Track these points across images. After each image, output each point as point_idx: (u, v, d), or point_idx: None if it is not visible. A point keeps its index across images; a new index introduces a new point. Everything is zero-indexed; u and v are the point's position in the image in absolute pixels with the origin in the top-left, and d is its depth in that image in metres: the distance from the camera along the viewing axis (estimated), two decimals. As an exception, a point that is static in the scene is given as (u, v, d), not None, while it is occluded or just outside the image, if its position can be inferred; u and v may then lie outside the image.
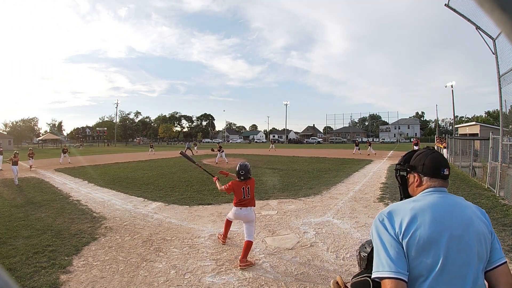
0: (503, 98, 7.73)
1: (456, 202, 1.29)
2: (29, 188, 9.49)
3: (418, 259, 1.14)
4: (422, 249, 1.14)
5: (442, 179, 1.34)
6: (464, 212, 1.25)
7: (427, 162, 1.35)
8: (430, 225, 1.16)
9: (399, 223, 1.18)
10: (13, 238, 4.60)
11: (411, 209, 1.21)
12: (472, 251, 1.17)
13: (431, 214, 1.19)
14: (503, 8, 0.32)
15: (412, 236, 1.14)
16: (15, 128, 71.45)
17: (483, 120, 57.67)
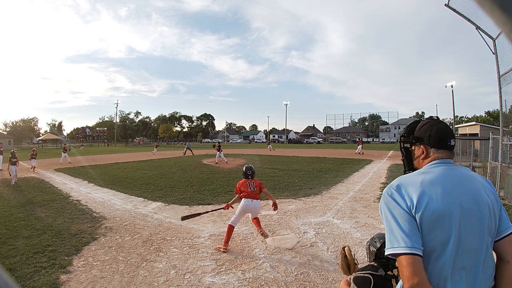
0: (503, 98, 7.73)
1: (464, 174, 1.25)
2: (29, 188, 9.48)
3: (431, 234, 1.11)
4: (435, 223, 1.10)
5: (449, 150, 1.29)
6: (473, 184, 1.22)
7: (433, 133, 1.29)
8: (442, 199, 1.12)
9: (410, 196, 1.14)
10: (13, 238, 4.60)
11: (421, 182, 1.16)
12: (483, 223, 1.15)
13: (441, 187, 1.15)
14: (503, 8, 0.32)
15: (424, 210, 1.11)
16: (15, 128, 71.42)
17: (483, 120, 57.65)
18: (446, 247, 1.10)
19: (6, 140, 50.68)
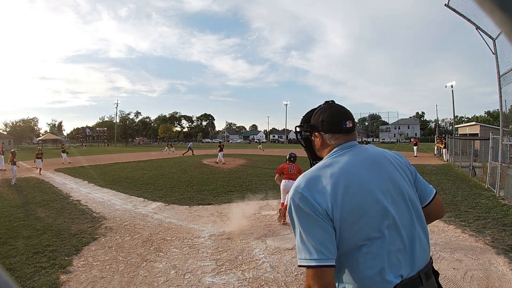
0: (503, 98, 7.73)
1: (371, 155, 1.18)
2: (29, 188, 9.48)
3: (356, 226, 1.03)
4: (357, 215, 1.03)
5: (346, 133, 1.19)
6: (384, 162, 1.17)
7: (326, 118, 1.20)
8: (358, 189, 1.05)
9: (321, 196, 1.04)
10: (13, 238, 4.60)
11: (330, 177, 1.06)
12: (406, 200, 1.13)
13: (354, 176, 1.07)
14: (503, 8, 0.32)
15: (342, 206, 1.03)
16: (15, 128, 71.44)
17: (483, 120, 57.65)
18: (376, 235, 1.05)
19: (6, 140, 50.68)
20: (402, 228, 1.08)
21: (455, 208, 6.19)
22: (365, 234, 1.04)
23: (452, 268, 3.44)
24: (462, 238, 4.46)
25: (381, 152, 1.22)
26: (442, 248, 4.07)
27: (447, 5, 8.29)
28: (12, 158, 11.05)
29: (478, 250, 3.97)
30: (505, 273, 3.31)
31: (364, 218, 1.03)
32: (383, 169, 1.14)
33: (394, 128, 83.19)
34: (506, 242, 4.19)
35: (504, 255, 3.76)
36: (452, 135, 20.87)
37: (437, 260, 3.68)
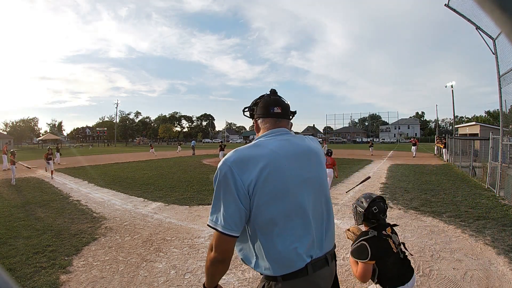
0: (503, 98, 7.73)
1: (299, 144, 1.27)
2: (29, 188, 9.48)
3: (273, 206, 1.12)
4: (273, 198, 1.12)
5: (275, 118, 1.29)
6: (309, 154, 1.27)
7: (260, 104, 1.32)
8: (280, 175, 1.14)
9: (246, 176, 1.11)
10: (13, 238, 4.60)
11: (257, 158, 1.14)
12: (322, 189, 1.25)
13: (278, 163, 1.15)
14: (503, 8, 0.32)
15: (262, 187, 1.11)
16: (15, 128, 71.42)
17: (483, 120, 57.65)
18: (291, 217, 1.14)
19: (6, 140, 50.67)
20: (315, 214, 1.21)
21: (455, 208, 6.19)
22: (281, 215, 1.13)
23: (452, 268, 3.44)
24: (462, 238, 4.45)
25: (308, 143, 1.31)
26: (442, 248, 4.07)
27: (447, 5, 8.29)
28: (12, 158, 11.04)
29: (478, 250, 3.97)
30: (505, 273, 3.31)
31: (282, 201, 1.13)
32: (307, 159, 1.24)
33: (394, 128, 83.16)
34: (506, 242, 4.19)
35: (504, 255, 3.76)
36: (452, 135, 20.87)
37: (437, 260, 3.68)
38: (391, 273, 1.94)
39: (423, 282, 3.14)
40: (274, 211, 1.13)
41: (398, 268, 1.95)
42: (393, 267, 1.94)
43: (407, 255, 2.04)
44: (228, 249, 1.15)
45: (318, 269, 1.19)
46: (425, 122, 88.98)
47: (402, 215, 5.81)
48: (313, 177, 1.23)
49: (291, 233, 1.15)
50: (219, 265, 1.18)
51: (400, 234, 4.67)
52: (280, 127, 1.30)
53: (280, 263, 1.14)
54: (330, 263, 1.25)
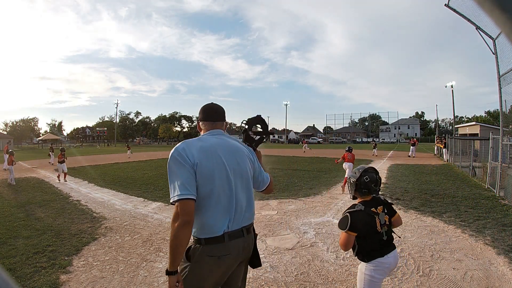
0: (503, 98, 7.73)
1: (231, 143, 1.71)
2: (29, 188, 9.48)
3: (207, 185, 1.52)
4: (209, 177, 1.52)
5: (212, 121, 1.76)
6: (237, 151, 1.70)
7: (202, 111, 1.79)
8: (213, 162, 1.55)
9: (192, 156, 1.52)
10: (13, 238, 4.60)
11: (200, 147, 1.57)
12: (243, 178, 1.67)
13: (213, 152, 1.58)
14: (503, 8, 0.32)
15: (201, 168, 1.51)
16: (15, 128, 71.42)
17: (483, 120, 57.67)
18: (217, 195, 1.53)
19: (6, 140, 50.67)
20: (237, 196, 1.60)
21: (455, 208, 6.19)
22: (209, 193, 1.52)
23: (452, 268, 3.44)
24: (462, 238, 4.46)
25: (238, 145, 1.76)
26: (442, 248, 4.07)
27: (447, 5, 8.29)
28: (11, 158, 11.00)
29: (478, 250, 3.97)
30: (505, 273, 3.31)
31: (212, 181, 1.53)
32: (234, 154, 1.66)
33: (394, 128, 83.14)
34: (506, 242, 4.19)
35: (504, 255, 3.76)
36: (452, 135, 20.87)
37: (437, 260, 3.68)
38: (370, 247, 2.07)
39: (423, 282, 3.14)
40: (205, 189, 1.52)
41: (378, 245, 2.08)
42: (373, 244, 2.07)
43: (392, 237, 2.16)
44: (191, 211, 1.44)
45: (234, 238, 1.58)
46: (425, 122, 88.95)
47: (402, 215, 5.80)
48: (237, 168, 1.64)
49: (215, 208, 1.53)
50: (185, 229, 1.43)
51: (400, 234, 4.67)
52: (216, 128, 1.75)
53: (205, 230, 1.54)
54: (246, 235, 1.67)
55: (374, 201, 2.18)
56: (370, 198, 2.20)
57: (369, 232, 2.07)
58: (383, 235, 2.09)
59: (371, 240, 2.08)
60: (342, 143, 65.52)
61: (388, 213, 2.18)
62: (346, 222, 2.08)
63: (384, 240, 2.09)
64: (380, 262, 2.06)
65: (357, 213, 2.09)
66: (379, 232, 2.08)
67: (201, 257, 1.53)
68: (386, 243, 2.10)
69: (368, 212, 2.10)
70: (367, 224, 2.07)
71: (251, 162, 1.76)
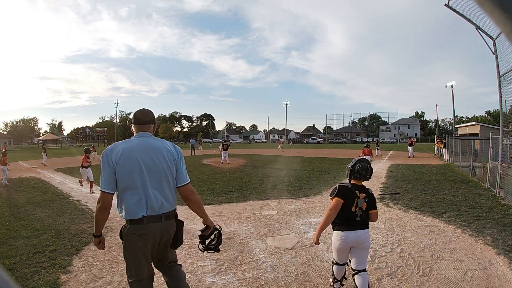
0: (503, 98, 7.73)
1: (151, 143, 2.11)
2: (29, 188, 9.48)
3: (123, 181, 1.99)
4: (125, 175, 1.98)
5: (140, 124, 2.17)
6: (154, 149, 2.08)
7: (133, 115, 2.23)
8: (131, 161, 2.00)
9: (114, 156, 1.99)
10: (13, 238, 4.60)
11: (122, 149, 2.02)
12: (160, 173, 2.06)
13: (131, 153, 2.01)
14: (503, 8, 0.32)
15: (118, 167, 1.98)
16: (15, 128, 71.42)
17: (483, 120, 57.66)
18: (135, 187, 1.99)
19: (6, 140, 50.68)
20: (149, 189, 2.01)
21: (455, 208, 6.19)
22: (127, 186, 1.99)
23: (452, 268, 3.44)
24: (462, 238, 4.46)
25: (159, 143, 2.15)
26: (442, 248, 4.07)
27: (447, 5, 8.29)
28: (4, 160, 10.88)
29: (478, 250, 3.97)
30: (505, 273, 3.31)
31: (128, 178, 1.98)
32: (151, 153, 2.06)
33: (394, 128, 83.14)
34: (506, 242, 4.19)
35: (504, 255, 3.76)
36: (452, 135, 20.87)
37: (437, 260, 3.68)
38: (339, 220, 2.61)
39: (423, 282, 3.14)
40: (123, 184, 1.99)
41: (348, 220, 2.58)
42: (343, 218, 2.58)
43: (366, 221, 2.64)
44: (107, 201, 2.01)
45: (152, 222, 2.02)
46: (425, 122, 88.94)
47: (402, 215, 5.81)
48: (151, 165, 2.04)
49: (133, 198, 1.99)
50: (103, 212, 2.02)
51: (400, 234, 4.67)
52: (143, 130, 2.16)
53: (128, 213, 2.00)
54: (164, 221, 2.07)
55: (361, 188, 2.68)
56: (360, 183, 2.72)
57: (346, 205, 2.56)
58: (356, 215, 2.56)
59: (343, 214, 2.57)
60: (342, 143, 65.54)
61: (369, 203, 2.65)
62: (335, 190, 2.66)
63: (354, 220, 2.56)
64: (340, 235, 2.60)
65: (344, 187, 2.67)
66: (352, 211, 2.55)
67: (128, 234, 2.03)
68: (356, 222, 2.56)
69: (352, 190, 2.62)
70: (348, 198, 2.57)
71: (171, 160, 2.13)
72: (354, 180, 2.75)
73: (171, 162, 2.10)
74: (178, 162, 2.15)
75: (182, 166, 2.19)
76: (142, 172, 1.99)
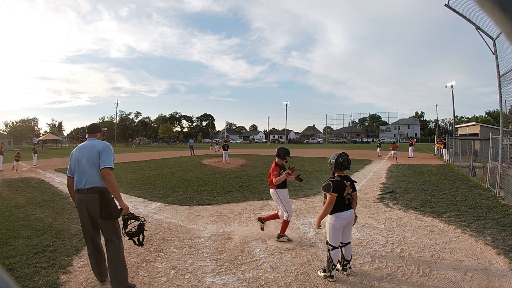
0: (503, 98, 7.73)
1: (89, 143, 3.21)
2: (29, 188, 9.48)
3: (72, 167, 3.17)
4: (73, 163, 3.15)
5: (88, 133, 3.35)
6: (89, 147, 3.14)
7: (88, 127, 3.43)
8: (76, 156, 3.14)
9: (71, 153, 3.24)
10: (13, 238, 4.60)
11: (77, 148, 3.26)
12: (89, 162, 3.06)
13: (77, 149, 3.20)
14: (503, 8, 0.32)
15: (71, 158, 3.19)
16: (15, 128, 71.38)
17: (483, 120, 57.65)
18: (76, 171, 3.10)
19: (6, 140, 50.65)
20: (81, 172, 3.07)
21: (455, 208, 6.19)
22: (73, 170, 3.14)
23: (452, 268, 3.44)
24: (462, 238, 4.45)
25: (94, 143, 3.19)
26: (442, 248, 4.07)
27: (447, 5, 8.28)
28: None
29: (478, 250, 3.97)
30: (505, 273, 3.30)
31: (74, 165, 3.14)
32: (86, 150, 3.14)
33: (394, 128, 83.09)
34: (506, 242, 4.19)
35: (504, 255, 3.76)
36: (452, 135, 20.86)
37: (437, 260, 3.68)
38: (336, 205, 3.26)
39: (423, 282, 3.14)
40: (72, 169, 3.16)
41: (342, 204, 3.30)
42: (339, 203, 3.27)
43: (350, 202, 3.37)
44: (69, 181, 3.23)
45: (80, 193, 3.04)
46: (425, 122, 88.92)
47: (402, 215, 5.81)
48: (82, 157, 3.08)
49: (75, 177, 3.10)
50: (70, 189, 3.25)
51: (400, 234, 4.67)
52: (90, 137, 3.30)
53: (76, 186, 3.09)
54: (87, 193, 3.01)
55: (346, 177, 3.40)
56: (344, 174, 3.42)
57: (339, 195, 3.25)
58: (345, 200, 3.30)
59: (338, 201, 3.25)
60: (342, 143, 65.56)
61: (352, 188, 3.38)
62: (330, 187, 3.25)
63: (345, 203, 3.30)
64: (339, 215, 3.27)
65: (335, 181, 3.29)
66: (344, 197, 3.29)
67: None
68: (346, 205, 3.31)
69: (342, 182, 3.31)
70: (340, 189, 3.26)
71: (96, 152, 3.08)
72: (338, 172, 3.40)
73: (95, 153, 3.07)
74: (101, 153, 3.07)
75: (105, 156, 3.07)
76: (76, 161, 3.11)
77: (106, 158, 3.07)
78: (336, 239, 3.30)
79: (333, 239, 3.29)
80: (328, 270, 3.24)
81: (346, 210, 3.30)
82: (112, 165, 3.11)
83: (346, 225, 3.33)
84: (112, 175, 3.06)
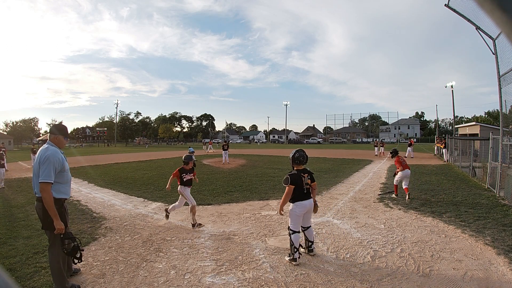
0: (503, 98, 7.73)
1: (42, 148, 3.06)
2: (29, 188, 9.47)
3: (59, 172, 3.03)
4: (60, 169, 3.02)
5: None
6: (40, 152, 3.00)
7: None
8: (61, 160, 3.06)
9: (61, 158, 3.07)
10: (13, 238, 4.60)
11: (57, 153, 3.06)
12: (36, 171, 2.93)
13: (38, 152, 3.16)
14: (503, 8, 0.32)
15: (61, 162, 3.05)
16: (15, 128, 71.38)
17: (483, 120, 57.65)
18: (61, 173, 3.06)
19: (6, 140, 50.66)
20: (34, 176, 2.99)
21: (455, 208, 6.19)
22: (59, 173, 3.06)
23: (452, 268, 3.44)
24: (462, 238, 4.45)
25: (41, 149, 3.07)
26: (442, 248, 4.07)
27: (447, 5, 8.28)
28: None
29: (478, 250, 3.97)
30: (505, 273, 3.30)
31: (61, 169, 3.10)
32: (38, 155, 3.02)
33: (394, 128, 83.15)
34: (506, 242, 4.19)
35: (504, 255, 3.76)
36: (452, 135, 20.85)
37: (437, 260, 3.68)
38: (296, 195, 3.70)
39: (423, 282, 3.14)
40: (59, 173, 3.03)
41: (301, 194, 3.72)
42: (298, 193, 3.70)
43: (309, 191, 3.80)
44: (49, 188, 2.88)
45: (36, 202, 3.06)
46: (425, 122, 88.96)
47: (402, 215, 5.80)
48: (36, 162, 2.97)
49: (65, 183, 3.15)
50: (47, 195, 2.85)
51: (400, 234, 4.67)
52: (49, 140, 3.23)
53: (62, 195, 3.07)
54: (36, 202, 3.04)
55: (304, 170, 3.82)
56: (302, 167, 3.85)
57: (298, 186, 3.69)
58: (304, 190, 3.72)
59: (298, 191, 3.70)
60: (342, 143, 65.56)
61: (311, 179, 3.81)
62: (288, 180, 3.70)
63: (304, 193, 3.72)
64: (299, 203, 3.70)
65: (293, 175, 3.74)
66: (303, 188, 3.71)
67: None
68: (305, 194, 3.73)
69: (299, 175, 3.74)
70: (298, 181, 3.70)
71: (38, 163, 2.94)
72: (296, 166, 3.85)
73: (38, 162, 2.92)
74: (41, 164, 2.88)
75: (43, 168, 2.86)
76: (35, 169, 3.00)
77: (44, 171, 2.83)
78: (297, 225, 3.74)
79: (294, 224, 3.73)
80: (292, 253, 3.64)
81: (306, 199, 3.73)
82: (49, 179, 2.86)
83: (306, 212, 3.77)
84: (47, 191, 2.84)
